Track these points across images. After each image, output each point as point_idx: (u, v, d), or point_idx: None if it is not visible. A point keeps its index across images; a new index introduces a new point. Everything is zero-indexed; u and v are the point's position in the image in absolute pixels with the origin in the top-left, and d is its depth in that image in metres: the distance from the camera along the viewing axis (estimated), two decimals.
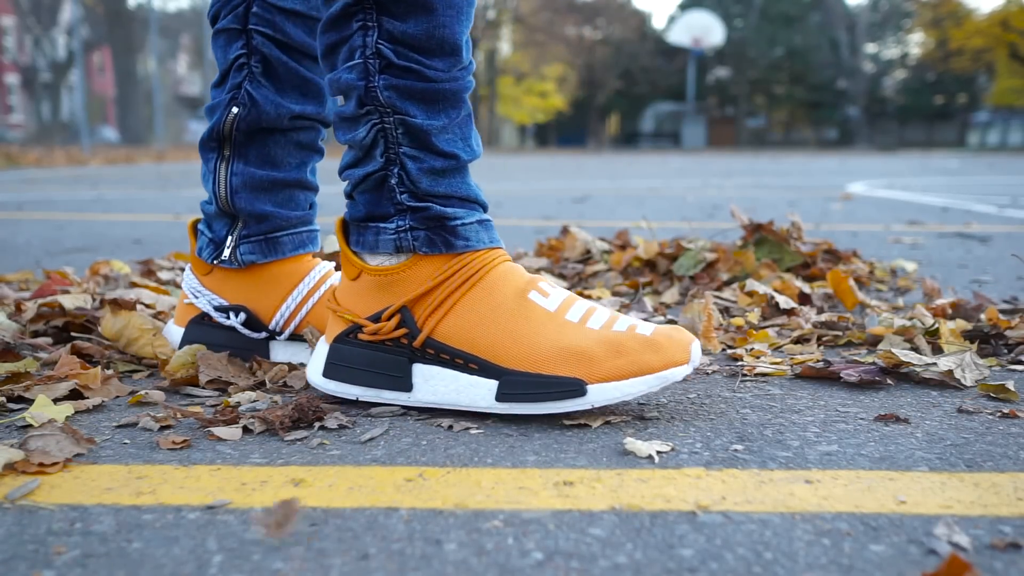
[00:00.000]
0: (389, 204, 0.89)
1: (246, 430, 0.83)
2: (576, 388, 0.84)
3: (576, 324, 0.88)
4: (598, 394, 0.84)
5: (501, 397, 0.85)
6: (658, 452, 0.77)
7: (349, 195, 0.92)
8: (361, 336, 0.90)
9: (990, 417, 0.88)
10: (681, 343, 0.87)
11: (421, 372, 0.89)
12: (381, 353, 0.89)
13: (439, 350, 0.88)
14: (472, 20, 0.89)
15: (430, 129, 0.87)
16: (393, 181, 0.89)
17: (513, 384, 0.85)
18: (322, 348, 0.93)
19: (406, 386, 0.89)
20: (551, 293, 0.90)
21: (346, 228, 0.94)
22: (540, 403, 0.85)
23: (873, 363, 1.05)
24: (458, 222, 0.89)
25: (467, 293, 0.88)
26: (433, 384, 0.88)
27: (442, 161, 0.89)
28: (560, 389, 0.84)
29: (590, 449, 0.79)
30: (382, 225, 0.90)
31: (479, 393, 0.86)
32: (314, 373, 0.92)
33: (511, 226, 3.22)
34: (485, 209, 0.94)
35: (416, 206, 0.89)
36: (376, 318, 0.89)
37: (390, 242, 0.89)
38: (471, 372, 0.87)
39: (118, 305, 1.11)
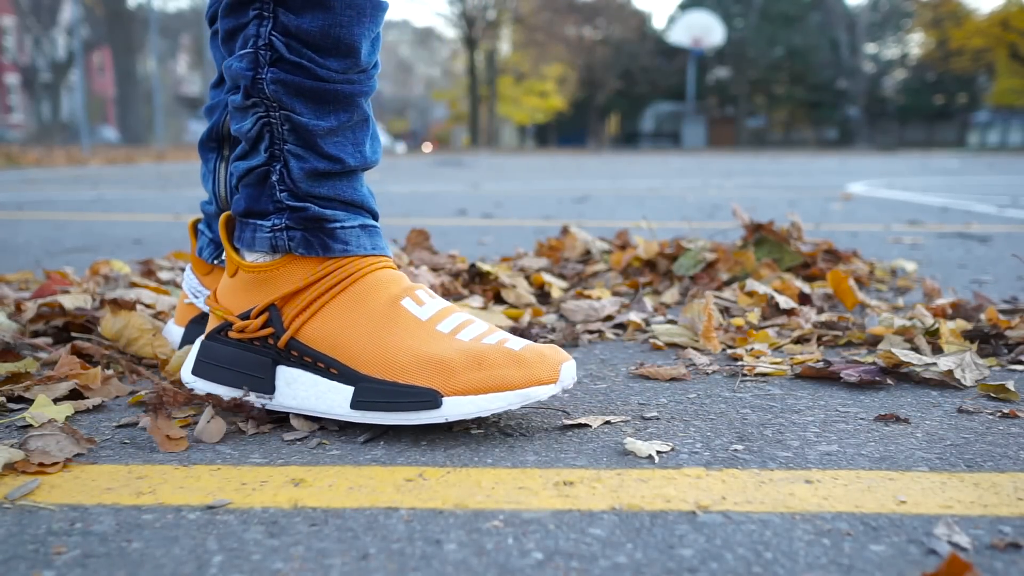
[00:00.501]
0: (269, 201, 0.87)
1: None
2: (430, 399, 0.79)
3: (445, 335, 0.84)
4: (453, 407, 0.79)
5: (355, 404, 0.81)
6: (658, 452, 0.77)
7: (235, 188, 0.89)
8: (230, 334, 0.87)
9: (990, 417, 0.88)
10: (550, 361, 0.82)
11: (284, 375, 0.85)
12: (247, 352, 0.86)
13: (302, 352, 0.84)
14: (379, 24, 0.87)
15: (315, 129, 0.85)
16: (275, 178, 0.86)
17: (367, 391, 0.81)
18: (196, 345, 0.91)
19: (268, 388, 0.85)
20: (427, 303, 0.87)
21: (231, 223, 0.91)
22: (393, 412, 0.80)
23: (873, 363, 1.05)
24: (337, 225, 0.87)
25: (337, 296, 0.85)
26: (294, 388, 0.85)
27: (326, 163, 0.86)
28: (414, 399, 0.80)
29: (590, 449, 0.79)
30: (259, 222, 0.87)
31: (335, 400, 0.83)
32: (184, 370, 0.90)
33: (511, 226, 3.22)
34: (375, 217, 0.92)
35: (295, 205, 0.86)
36: (245, 316, 0.87)
37: (266, 240, 0.86)
38: (331, 377, 0.83)
39: (118, 305, 1.11)
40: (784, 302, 1.35)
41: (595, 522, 0.63)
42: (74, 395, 0.95)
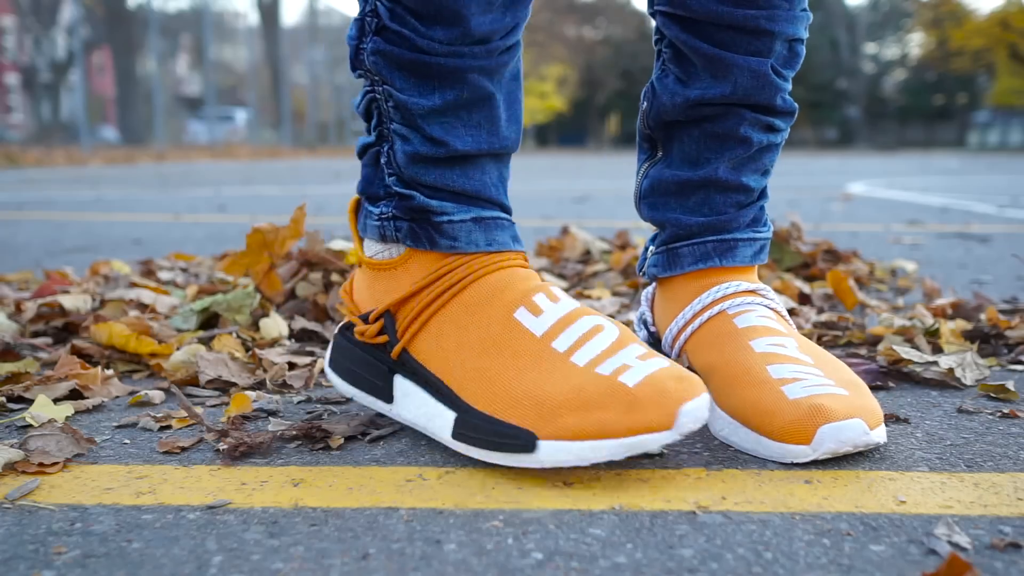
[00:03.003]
0: (380, 185, 0.79)
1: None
2: (526, 443, 0.69)
3: (558, 355, 0.72)
4: (549, 454, 0.69)
5: (456, 435, 0.74)
6: (660, 455, 0.77)
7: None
8: (355, 334, 0.82)
9: (990, 417, 0.88)
10: (670, 400, 0.67)
11: (400, 386, 0.79)
12: (368, 356, 0.81)
13: (413, 367, 0.78)
14: None
15: (417, 108, 0.75)
16: (383, 160, 0.78)
17: (467, 424, 0.73)
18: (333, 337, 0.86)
19: (388, 396, 0.80)
20: (546, 310, 0.75)
21: (357, 206, 0.84)
22: (490, 451, 0.72)
23: (874, 361, 1.05)
24: (444, 218, 0.77)
25: (446, 305, 0.76)
26: (407, 402, 0.79)
27: (430, 147, 0.76)
28: (510, 440, 0.70)
29: None
30: (370, 208, 0.80)
31: (441, 425, 0.75)
32: (326, 360, 0.87)
33: None
34: (502, 209, 0.82)
35: (402, 192, 0.77)
36: (365, 318, 0.81)
37: (375, 228, 0.80)
38: (438, 399, 0.76)
39: (96, 318, 1.13)
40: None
41: (595, 522, 0.63)
42: (74, 395, 0.95)
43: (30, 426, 0.82)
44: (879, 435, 0.75)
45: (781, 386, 0.76)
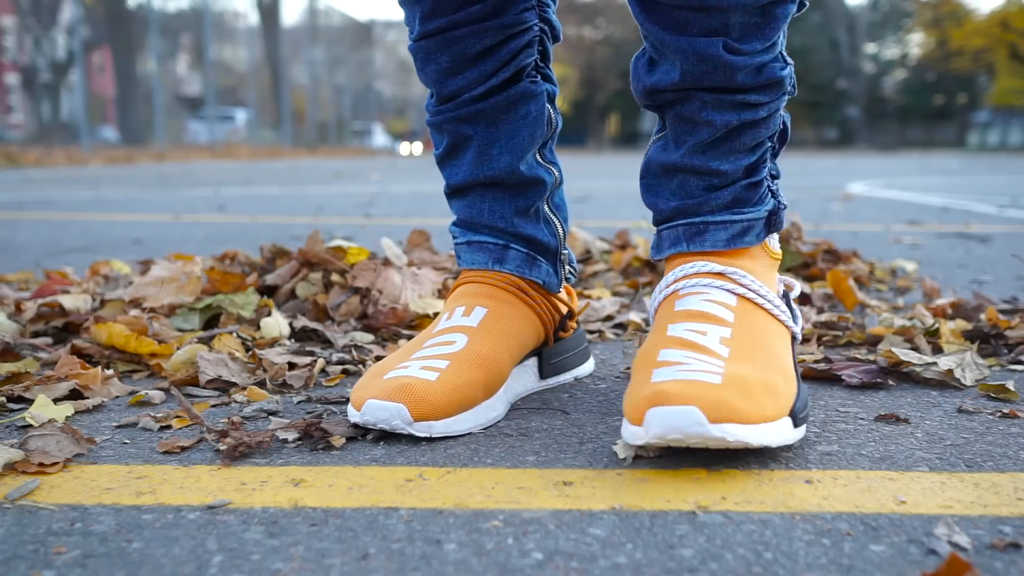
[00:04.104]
0: None
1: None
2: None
3: None
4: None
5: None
6: (660, 455, 0.77)
7: None
8: None
9: (990, 417, 0.88)
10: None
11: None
12: None
13: None
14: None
15: (436, 158, 0.99)
16: None
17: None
18: None
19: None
20: (441, 320, 0.94)
21: None
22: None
23: (874, 362, 1.05)
24: (455, 241, 1.00)
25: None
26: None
27: (444, 186, 1.00)
28: None
29: (590, 449, 0.79)
30: None
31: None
32: None
33: None
34: (491, 231, 0.97)
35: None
36: None
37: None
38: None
39: (96, 318, 1.12)
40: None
41: (595, 522, 0.63)
42: (74, 395, 0.95)
43: (30, 426, 0.82)
44: (727, 432, 0.69)
45: (654, 369, 0.76)
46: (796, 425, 0.76)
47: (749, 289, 0.85)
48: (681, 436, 0.69)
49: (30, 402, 0.92)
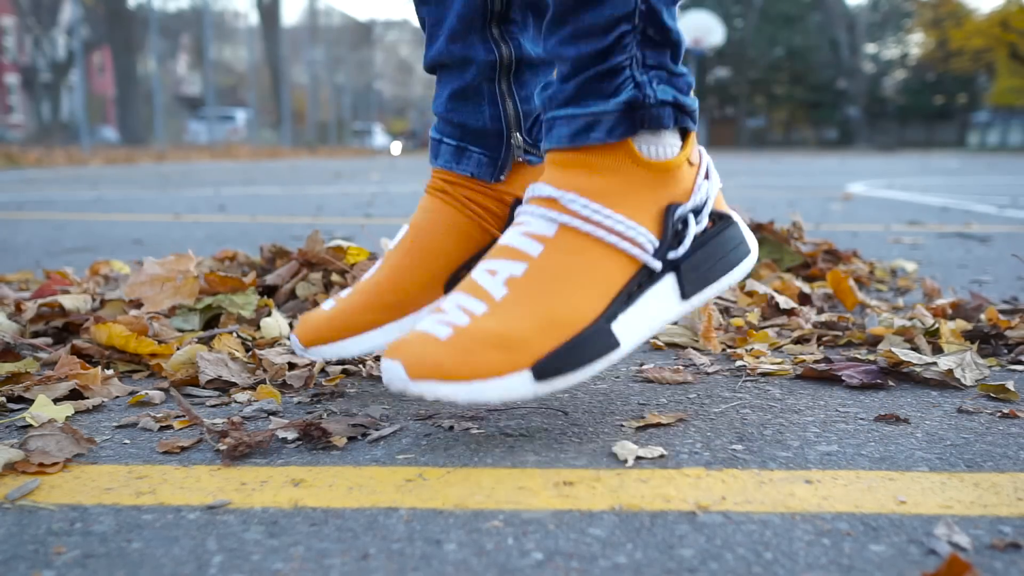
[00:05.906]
0: None
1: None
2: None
3: None
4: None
5: None
6: (660, 455, 0.77)
7: None
8: None
9: (990, 417, 0.88)
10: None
11: None
12: None
13: None
14: None
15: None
16: None
17: None
18: None
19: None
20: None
21: None
22: None
23: (874, 362, 1.05)
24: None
25: None
26: None
27: None
28: None
29: (590, 449, 0.79)
30: None
31: None
32: None
33: None
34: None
35: None
36: None
37: None
38: None
39: (96, 319, 1.12)
40: (784, 302, 1.35)
41: (595, 522, 0.63)
42: (74, 395, 0.95)
43: (30, 426, 0.82)
44: (425, 389, 0.73)
45: (425, 316, 0.80)
46: (543, 378, 0.74)
47: (578, 216, 0.78)
48: (395, 389, 0.75)
49: (30, 402, 0.92)
